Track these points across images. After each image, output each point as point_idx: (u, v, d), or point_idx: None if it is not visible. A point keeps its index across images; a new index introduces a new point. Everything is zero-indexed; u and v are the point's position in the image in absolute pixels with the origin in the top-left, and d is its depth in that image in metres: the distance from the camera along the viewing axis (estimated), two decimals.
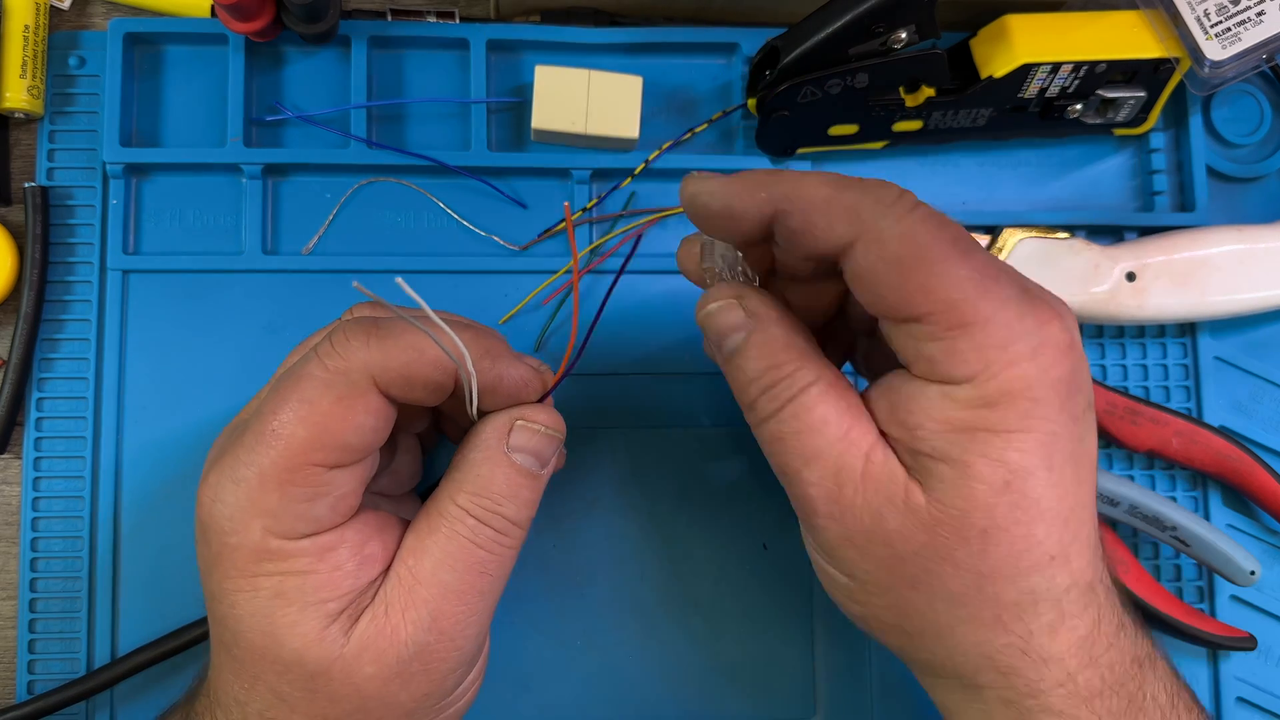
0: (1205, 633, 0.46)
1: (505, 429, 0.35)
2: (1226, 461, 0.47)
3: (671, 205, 0.48)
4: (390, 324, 0.33)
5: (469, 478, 0.34)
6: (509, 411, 0.35)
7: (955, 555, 0.30)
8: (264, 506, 0.31)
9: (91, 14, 0.48)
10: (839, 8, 0.42)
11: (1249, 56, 0.45)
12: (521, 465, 0.34)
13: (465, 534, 0.33)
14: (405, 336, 0.32)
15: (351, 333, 0.32)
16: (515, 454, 0.34)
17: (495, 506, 0.34)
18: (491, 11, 0.48)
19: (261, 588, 0.32)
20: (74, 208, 0.46)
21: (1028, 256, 0.46)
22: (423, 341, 0.32)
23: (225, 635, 0.33)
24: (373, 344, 0.32)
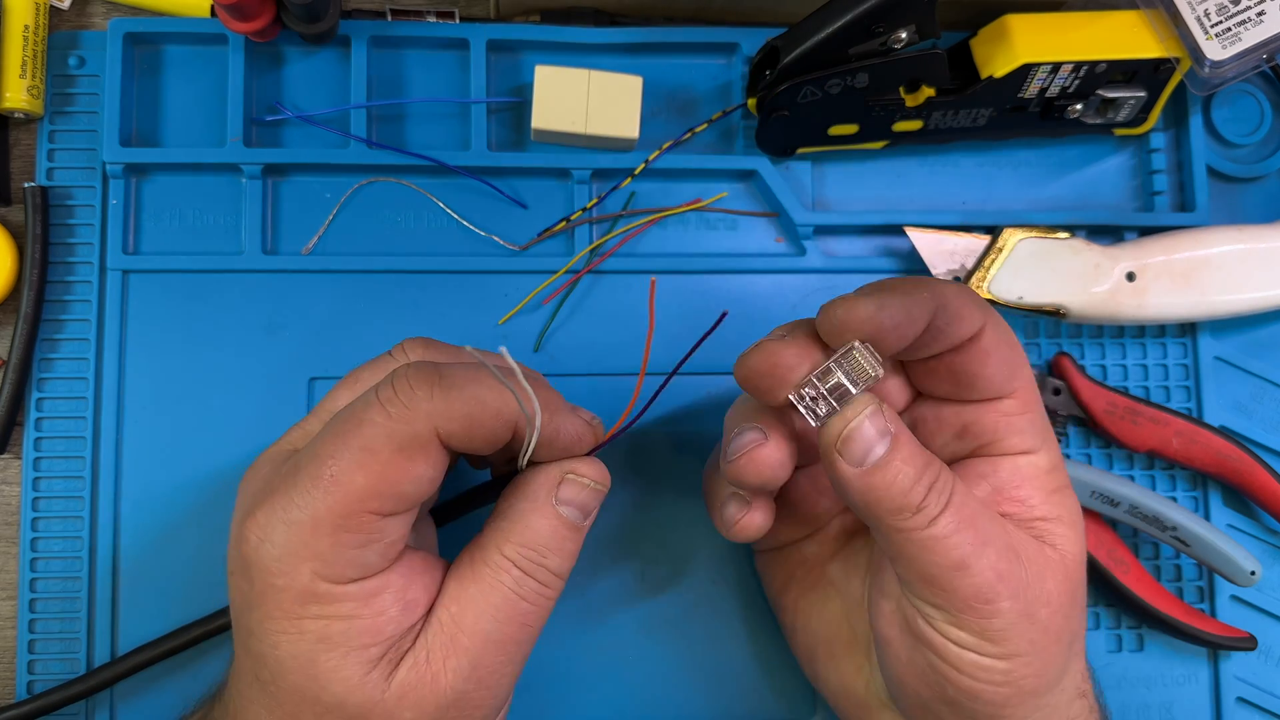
0: (1205, 633, 0.46)
1: (555, 482, 0.35)
2: (1227, 461, 0.47)
3: (671, 205, 0.48)
4: (453, 372, 0.32)
5: (516, 529, 0.34)
6: (559, 464, 0.35)
7: (1077, 596, 0.35)
8: (315, 550, 0.31)
9: (91, 14, 0.48)
10: (839, 8, 0.42)
11: (1249, 56, 0.45)
12: (567, 518, 0.35)
13: (510, 585, 0.33)
14: (469, 388, 0.32)
15: (416, 381, 0.32)
16: (562, 506, 0.34)
17: (540, 559, 0.34)
18: (491, 11, 0.48)
19: (306, 630, 0.31)
20: (74, 208, 0.45)
21: (1028, 256, 0.46)
22: (485, 393, 0.32)
23: (263, 673, 0.32)
24: (437, 395, 0.32)
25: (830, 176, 0.49)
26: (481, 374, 0.33)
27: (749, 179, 0.48)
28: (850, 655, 0.40)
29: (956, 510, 0.33)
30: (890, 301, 0.32)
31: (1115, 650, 0.48)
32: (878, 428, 0.32)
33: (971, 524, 0.33)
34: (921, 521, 0.32)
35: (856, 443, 0.32)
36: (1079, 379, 0.47)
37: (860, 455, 0.33)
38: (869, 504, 0.33)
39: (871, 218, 0.48)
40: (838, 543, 0.42)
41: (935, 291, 0.33)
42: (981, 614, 0.33)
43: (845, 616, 0.40)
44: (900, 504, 0.32)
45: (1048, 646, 0.34)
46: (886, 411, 0.33)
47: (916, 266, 0.48)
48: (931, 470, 0.33)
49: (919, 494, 0.32)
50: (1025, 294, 0.46)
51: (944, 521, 0.32)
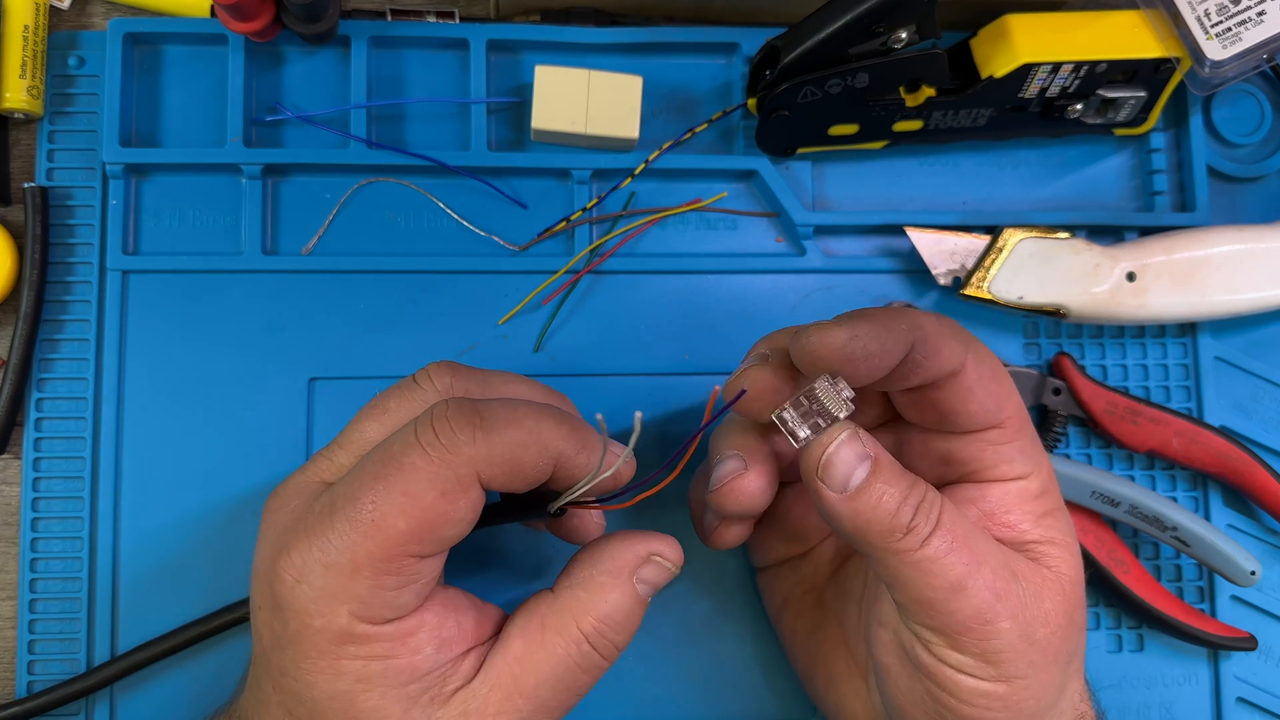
0: (1205, 633, 0.46)
1: (640, 560, 0.35)
2: (1227, 461, 0.47)
3: (671, 205, 0.48)
4: (494, 413, 0.32)
5: (597, 603, 0.34)
6: (643, 542, 0.35)
7: (1075, 616, 0.35)
8: (353, 593, 0.31)
9: (91, 14, 0.48)
10: (839, 7, 0.42)
11: (1249, 56, 0.45)
12: (642, 596, 0.35)
13: (577, 658, 0.33)
14: (510, 431, 0.32)
15: (457, 423, 0.31)
16: (641, 585, 0.35)
17: (612, 635, 0.34)
18: (491, 11, 0.48)
19: (344, 671, 0.31)
20: (73, 208, 0.45)
21: (1028, 256, 0.46)
22: (526, 436, 0.32)
23: (298, 709, 0.32)
24: (479, 438, 0.31)
25: (830, 176, 0.49)
26: (520, 414, 0.33)
27: (749, 179, 0.48)
28: (848, 678, 0.39)
29: (948, 530, 0.32)
30: (864, 331, 0.32)
31: (1115, 650, 0.48)
32: (855, 452, 0.32)
33: (965, 543, 0.32)
34: (913, 543, 0.32)
35: (836, 468, 0.32)
36: (1079, 379, 0.47)
37: (842, 480, 0.32)
38: (858, 529, 0.32)
39: (871, 218, 0.48)
40: (831, 565, 0.42)
41: (913, 323, 0.33)
42: (980, 635, 0.32)
43: (842, 640, 0.40)
44: (889, 526, 0.32)
45: (1046, 668, 0.33)
46: (864, 436, 0.33)
47: (916, 267, 0.48)
48: (917, 491, 0.33)
49: (906, 514, 0.32)
50: (1025, 294, 0.46)
51: (936, 542, 0.32)
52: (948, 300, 0.48)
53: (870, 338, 0.32)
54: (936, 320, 0.34)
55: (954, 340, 0.34)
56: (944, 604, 0.32)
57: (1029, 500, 0.35)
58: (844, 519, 0.33)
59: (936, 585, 0.32)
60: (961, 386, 0.34)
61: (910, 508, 0.32)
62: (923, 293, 0.48)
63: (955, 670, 0.33)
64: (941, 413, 0.35)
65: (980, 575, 0.32)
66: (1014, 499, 0.35)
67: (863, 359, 0.32)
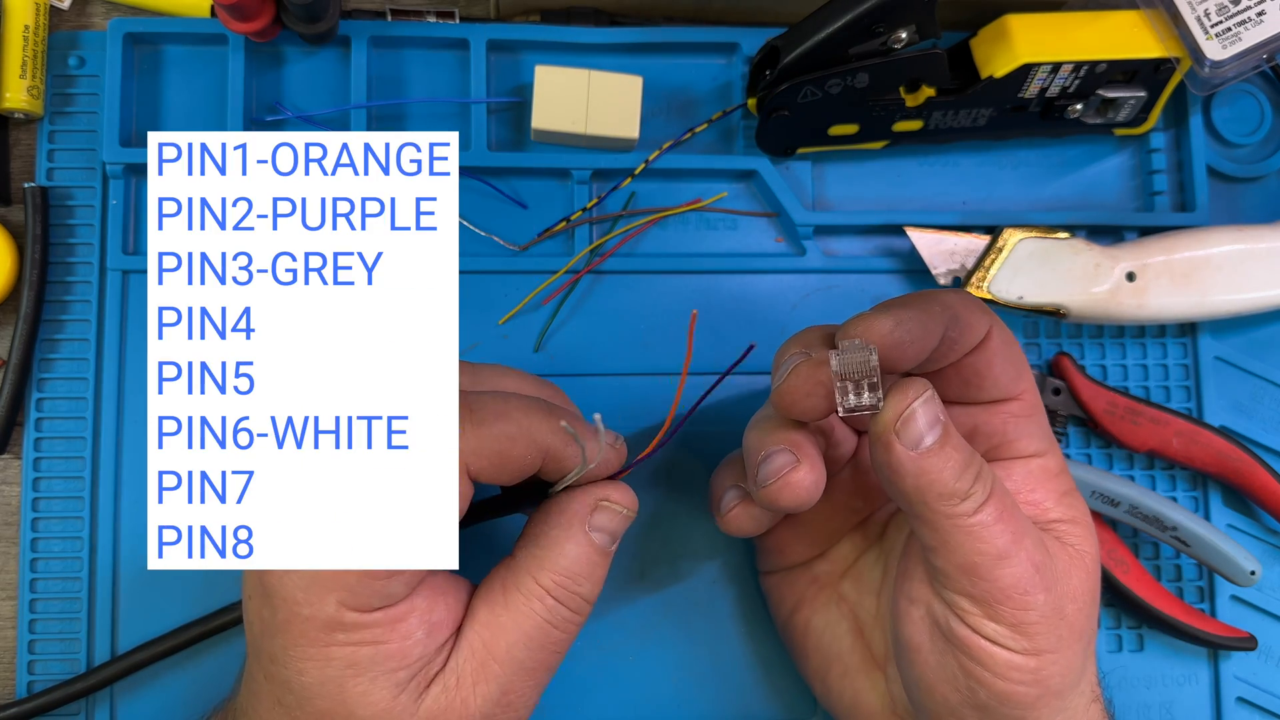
0: (1205, 633, 0.46)
1: (589, 509, 0.35)
2: (1227, 461, 0.47)
3: (671, 205, 0.48)
4: (483, 406, 0.33)
5: (551, 556, 0.34)
6: (591, 490, 0.35)
7: (1096, 595, 0.36)
8: (342, 582, 0.31)
9: (91, 14, 0.48)
10: (839, 7, 0.42)
11: (1249, 56, 0.45)
12: (599, 544, 0.35)
13: (543, 614, 0.34)
14: (499, 425, 0.33)
15: None
16: (595, 533, 0.35)
17: (574, 586, 0.34)
18: (491, 11, 0.48)
19: (333, 658, 0.31)
20: (74, 208, 0.45)
21: (1028, 256, 0.46)
22: (515, 430, 0.33)
23: (287, 698, 0.32)
24: (468, 431, 0.32)
25: (830, 176, 0.49)
26: (510, 407, 0.33)
27: (749, 179, 0.48)
28: (866, 671, 0.40)
29: (998, 500, 0.33)
30: (906, 317, 0.33)
31: (1115, 650, 0.48)
32: (931, 414, 0.33)
33: (1011, 515, 0.33)
34: (969, 508, 0.33)
35: (913, 425, 0.33)
36: (1079, 379, 0.47)
37: (916, 438, 0.33)
38: (920, 488, 0.33)
39: (871, 218, 0.48)
40: (848, 559, 0.42)
41: (945, 303, 0.34)
42: (1019, 605, 0.33)
43: (860, 633, 0.40)
44: (950, 489, 0.33)
45: (1072, 644, 0.34)
46: (937, 400, 0.33)
47: (916, 267, 0.48)
48: (976, 460, 0.33)
49: (967, 480, 0.33)
50: (1025, 294, 0.46)
51: (988, 510, 0.33)
52: None
53: (914, 323, 0.33)
54: (962, 296, 0.35)
55: (980, 313, 0.35)
56: (988, 570, 0.33)
57: (1050, 478, 0.36)
58: (909, 476, 0.33)
59: (984, 551, 0.33)
60: (987, 351, 0.35)
61: (971, 475, 0.33)
62: None
63: (989, 641, 0.34)
64: (967, 379, 0.36)
65: (1023, 546, 0.33)
66: (1037, 477, 0.36)
67: (909, 343, 0.33)
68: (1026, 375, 0.36)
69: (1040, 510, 0.36)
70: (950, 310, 0.34)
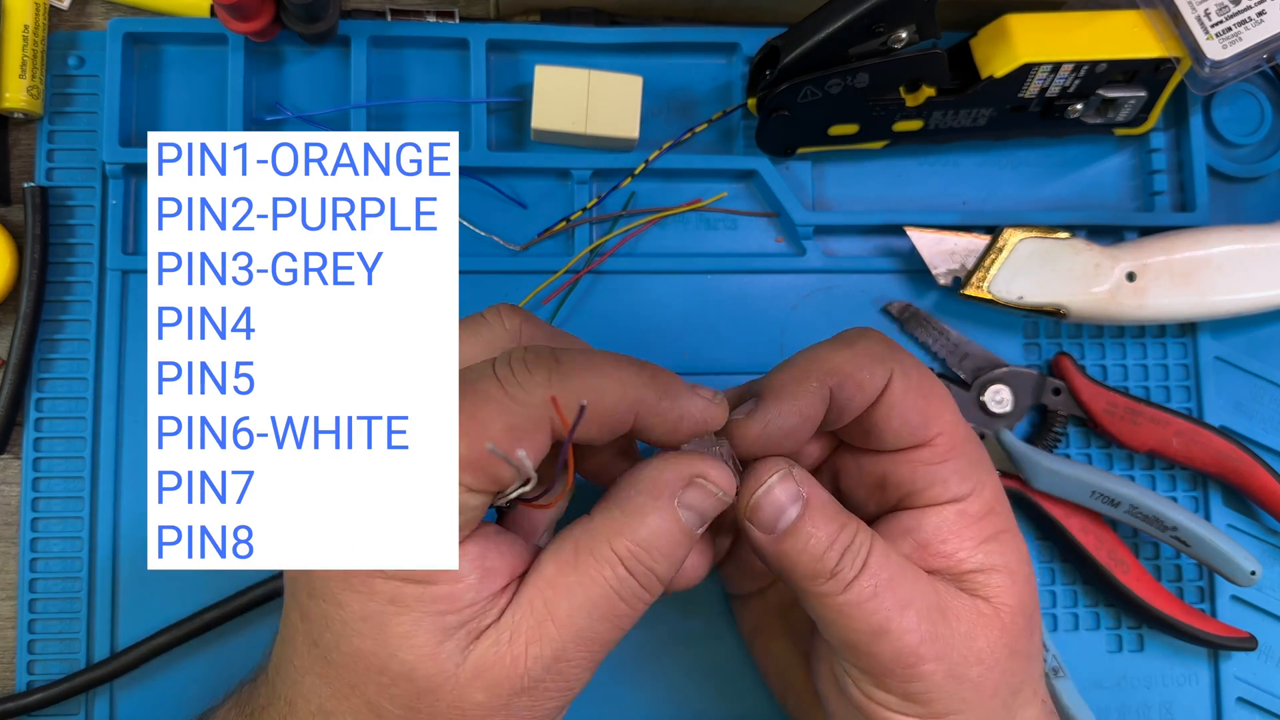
0: (1206, 633, 0.46)
1: (683, 482, 0.32)
2: (1227, 462, 0.47)
3: (671, 205, 0.48)
4: (572, 359, 0.31)
5: (632, 524, 0.31)
6: (688, 461, 0.32)
7: (1018, 646, 0.34)
8: None
9: (91, 14, 0.48)
10: (839, 7, 0.42)
11: (1249, 56, 0.45)
12: (685, 523, 0.32)
13: (613, 583, 0.31)
14: (585, 376, 0.31)
15: (535, 365, 0.31)
16: (684, 510, 0.32)
17: (651, 563, 0.31)
18: (491, 11, 0.48)
19: (378, 590, 0.29)
20: (73, 208, 0.45)
21: (1028, 256, 0.46)
22: (605, 383, 0.31)
23: (325, 635, 0.30)
24: (554, 381, 0.30)
25: (830, 176, 0.49)
26: (598, 360, 0.31)
27: (749, 179, 0.48)
28: (815, 702, 0.39)
29: (874, 573, 0.32)
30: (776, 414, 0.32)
31: (1115, 650, 0.48)
32: (789, 493, 0.32)
33: (890, 587, 0.32)
34: (836, 587, 0.32)
35: (765, 510, 0.32)
36: (1079, 379, 0.47)
37: (771, 521, 0.32)
38: (783, 570, 0.32)
39: (872, 218, 0.48)
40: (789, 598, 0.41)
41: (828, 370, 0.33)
42: (904, 678, 0.32)
43: (807, 664, 0.39)
44: (814, 570, 0.32)
45: (983, 703, 0.33)
46: (798, 473, 0.32)
47: (917, 266, 0.48)
48: (847, 532, 0.32)
49: (833, 558, 0.32)
50: (1025, 294, 0.46)
51: (860, 585, 0.32)
52: (948, 300, 0.48)
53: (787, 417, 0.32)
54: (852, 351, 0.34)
55: (875, 363, 0.33)
56: (866, 646, 0.32)
57: (969, 525, 0.34)
58: (771, 560, 0.33)
59: (858, 629, 0.32)
60: (884, 404, 0.34)
61: (837, 551, 0.32)
62: (923, 293, 0.48)
63: (883, 707, 0.33)
64: (865, 429, 0.34)
65: (904, 619, 0.32)
66: (951, 525, 0.34)
67: (783, 439, 0.32)
68: (942, 416, 0.34)
69: (953, 562, 0.34)
70: (834, 377, 0.33)
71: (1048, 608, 0.48)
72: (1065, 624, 0.48)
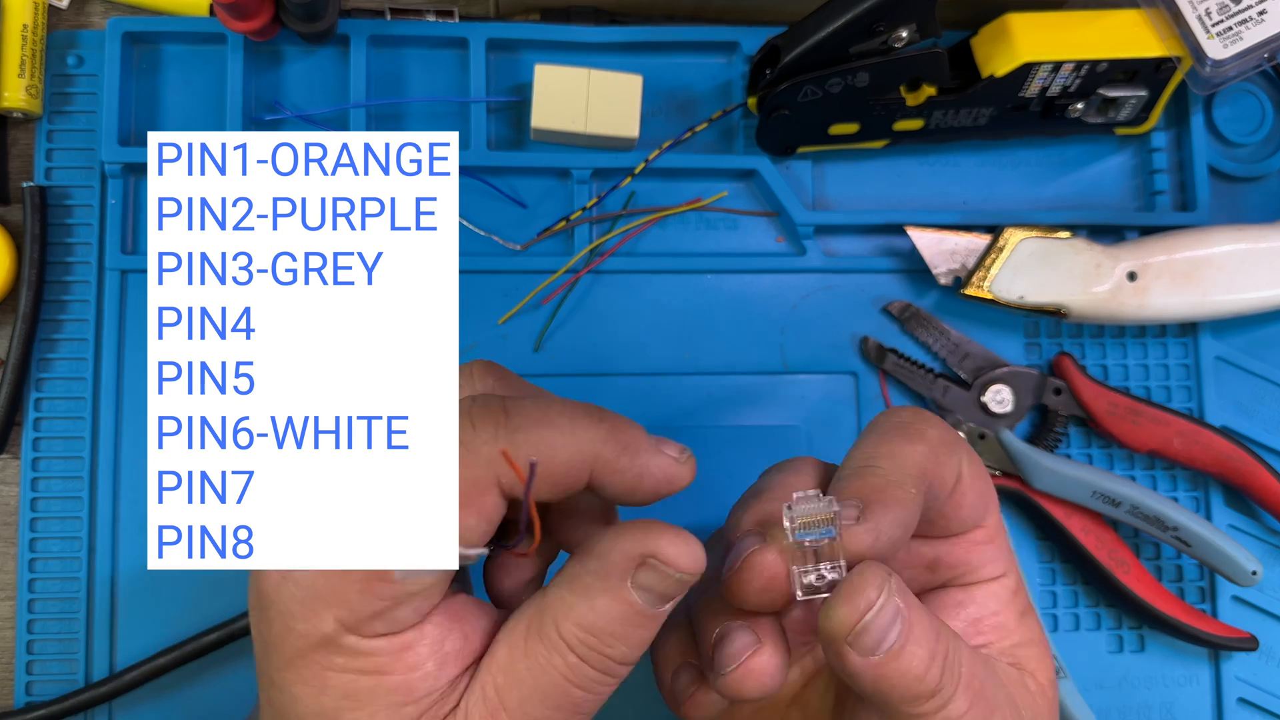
0: (1207, 633, 0.46)
1: (633, 562, 0.29)
2: (1228, 462, 0.47)
3: (671, 204, 0.47)
4: (522, 409, 0.29)
5: (580, 606, 0.29)
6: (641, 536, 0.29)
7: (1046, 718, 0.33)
8: (342, 596, 0.27)
9: (90, 13, 0.48)
10: (840, 6, 0.42)
11: (1250, 55, 0.45)
12: (640, 605, 0.29)
13: (563, 670, 0.29)
14: (537, 430, 0.29)
15: (480, 419, 0.29)
16: (638, 592, 0.29)
17: (603, 647, 0.29)
18: (491, 10, 0.48)
19: (330, 685, 0.28)
20: (72, 207, 0.45)
21: (1029, 256, 0.46)
22: (557, 437, 0.29)
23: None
24: (502, 437, 0.28)
25: (831, 176, 0.49)
26: (552, 411, 0.29)
27: (749, 178, 0.48)
28: None
29: (968, 685, 0.30)
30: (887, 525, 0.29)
31: (1116, 650, 0.48)
32: (890, 613, 0.28)
33: (981, 695, 0.30)
34: (937, 705, 0.29)
35: (870, 634, 0.28)
36: (1080, 379, 0.47)
37: (873, 646, 0.28)
38: (881, 693, 0.29)
39: (872, 217, 0.48)
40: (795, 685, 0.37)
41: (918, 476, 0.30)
42: None
43: None
44: (916, 691, 0.29)
45: None
46: (896, 585, 0.29)
47: (917, 266, 0.48)
48: (943, 644, 0.30)
49: (935, 676, 0.29)
50: (1026, 294, 0.46)
51: (958, 702, 0.29)
52: (948, 300, 0.48)
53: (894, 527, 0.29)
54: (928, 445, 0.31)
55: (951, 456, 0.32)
56: None
57: (1011, 599, 0.34)
58: (867, 683, 0.29)
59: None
60: (956, 495, 0.32)
61: (939, 668, 0.29)
62: (923, 292, 0.48)
63: None
64: (932, 519, 0.33)
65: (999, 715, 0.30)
66: (1000, 599, 0.34)
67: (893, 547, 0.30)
68: (993, 501, 0.34)
69: (1003, 633, 0.33)
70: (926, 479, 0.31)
71: (1048, 608, 0.48)
72: (1066, 624, 0.48)
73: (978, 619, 0.33)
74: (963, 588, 0.34)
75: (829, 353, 0.48)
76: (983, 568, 0.34)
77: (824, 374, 0.48)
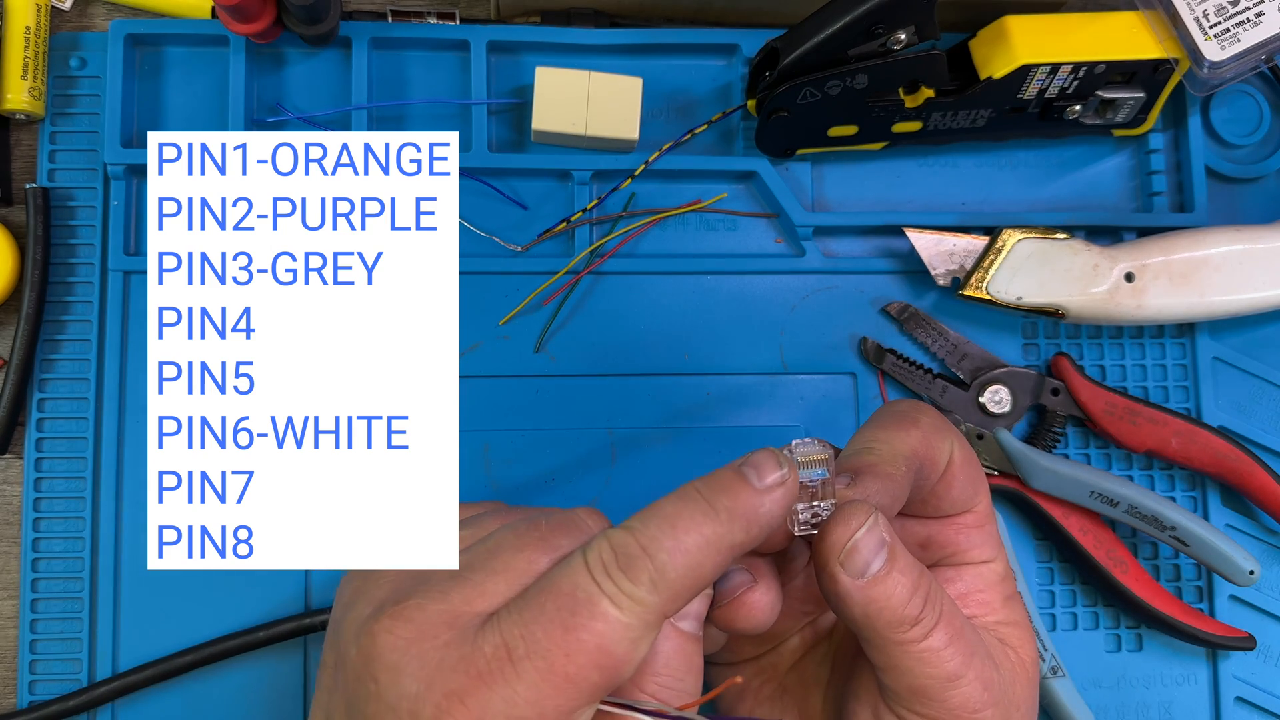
0: (1204, 632, 0.46)
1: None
2: (1225, 462, 0.47)
3: (671, 206, 0.48)
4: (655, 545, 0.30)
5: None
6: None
7: (1034, 701, 0.36)
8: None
9: (92, 15, 0.48)
10: (839, 9, 0.42)
11: (1248, 57, 0.45)
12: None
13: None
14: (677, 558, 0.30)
15: (632, 571, 0.30)
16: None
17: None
18: (492, 12, 0.49)
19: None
20: (75, 208, 0.46)
21: (1027, 257, 0.46)
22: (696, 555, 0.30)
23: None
24: (661, 587, 0.30)
25: (830, 177, 0.49)
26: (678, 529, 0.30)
27: (749, 180, 0.48)
28: None
29: (948, 622, 0.32)
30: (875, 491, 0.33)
31: (1114, 650, 0.48)
32: (876, 540, 0.32)
33: (961, 635, 0.33)
34: (919, 634, 0.32)
35: (859, 555, 0.32)
36: (1078, 379, 0.47)
37: (861, 567, 0.32)
38: (868, 616, 0.32)
39: (871, 218, 0.48)
40: (795, 654, 0.40)
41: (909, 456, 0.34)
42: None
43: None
44: (899, 616, 0.32)
45: None
46: (882, 521, 0.32)
47: (916, 267, 0.48)
48: (924, 581, 0.32)
49: (916, 605, 0.32)
50: (1024, 294, 0.46)
51: (939, 634, 0.32)
52: (947, 300, 0.48)
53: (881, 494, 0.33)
54: (920, 430, 0.34)
55: (941, 441, 0.35)
56: (938, 691, 0.32)
57: (997, 583, 0.36)
58: (856, 606, 0.32)
59: (934, 675, 0.32)
60: (947, 477, 0.35)
61: (920, 599, 0.32)
62: (922, 293, 0.49)
63: None
64: (924, 499, 0.35)
65: (973, 666, 0.33)
66: (985, 581, 0.36)
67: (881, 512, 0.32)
68: (983, 487, 0.36)
69: (989, 610, 0.36)
70: (916, 460, 0.34)
71: (1047, 607, 0.48)
72: (1064, 623, 0.48)
73: (964, 594, 0.36)
74: (953, 567, 0.36)
75: (828, 353, 0.48)
76: (971, 550, 0.36)
77: (823, 374, 0.48)
